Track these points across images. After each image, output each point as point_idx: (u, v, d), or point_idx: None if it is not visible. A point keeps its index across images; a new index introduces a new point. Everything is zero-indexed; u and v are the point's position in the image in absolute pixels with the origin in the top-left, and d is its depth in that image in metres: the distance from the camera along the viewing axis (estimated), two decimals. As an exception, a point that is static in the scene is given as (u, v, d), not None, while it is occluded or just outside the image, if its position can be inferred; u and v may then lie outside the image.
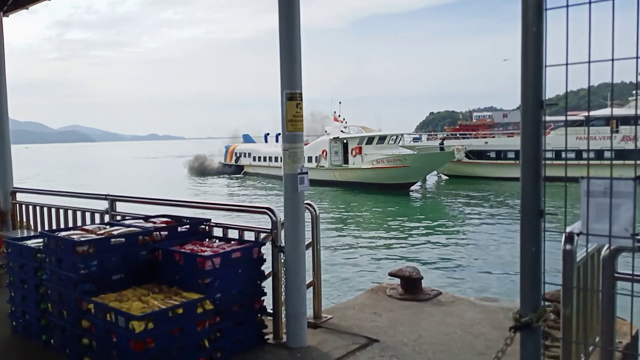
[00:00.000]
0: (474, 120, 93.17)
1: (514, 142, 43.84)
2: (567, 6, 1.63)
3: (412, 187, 38.51)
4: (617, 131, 41.03)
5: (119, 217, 5.66)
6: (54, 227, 6.42)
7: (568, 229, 2.97)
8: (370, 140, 40.75)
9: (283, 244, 4.36)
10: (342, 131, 42.89)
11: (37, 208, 6.77)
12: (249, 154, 54.47)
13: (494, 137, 47.50)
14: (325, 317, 4.93)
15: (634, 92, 47.70)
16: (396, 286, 5.74)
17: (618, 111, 44.15)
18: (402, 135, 45.87)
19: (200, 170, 56.66)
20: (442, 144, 46.12)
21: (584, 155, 40.89)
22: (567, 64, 1.61)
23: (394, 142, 41.58)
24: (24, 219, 7.00)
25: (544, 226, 1.81)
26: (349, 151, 41.10)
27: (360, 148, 40.21)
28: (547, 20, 1.63)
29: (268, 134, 59.83)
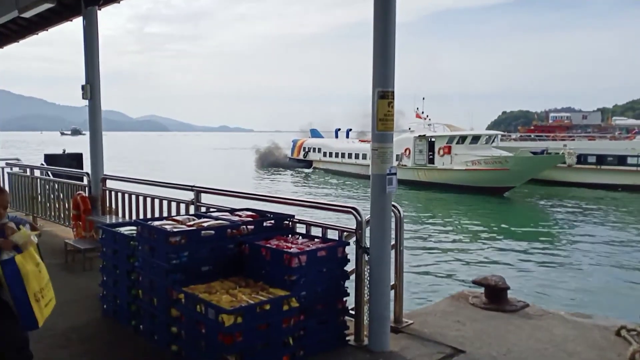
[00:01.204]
0: (550, 121, 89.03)
1: (597, 147, 41.37)
2: None
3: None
4: None
5: (203, 209, 5.79)
6: (141, 214, 6.67)
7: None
8: (462, 139, 38.20)
9: (367, 245, 4.27)
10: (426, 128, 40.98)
11: (126, 195, 7.06)
12: (319, 149, 53.53)
13: (573, 139, 45.10)
14: (406, 322, 4.81)
15: None
16: (479, 295, 5.51)
17: None
18: (496, 135, 42.48)
19: (269, 163, 57.27)
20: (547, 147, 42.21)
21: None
22: None
23: (486, 143, 38.69)
24: (112, 205, 7.33)
25: None
26: (436, 150, 38.81)
27: (449, 147, 37.87)
28: None
29: (339, 129, 59.13)
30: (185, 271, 3.99)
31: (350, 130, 58.67)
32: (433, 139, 39.48)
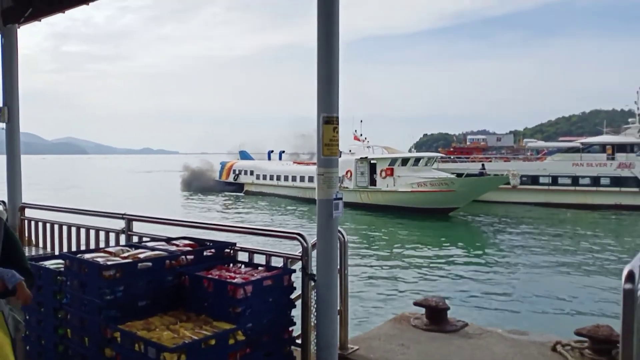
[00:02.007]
0: (467, 143, 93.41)
1: (512, 167, 43.73)
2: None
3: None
4: (612, 158, 41.30)
5: (135, 238, 5.47)
6: (65, 245, 6.21)
7: (628, 266, 2.82)
8: (404, 161, 38.99)
9: (313, 271, 4.19)
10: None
11: (47, 225, 6.54)
12: (251, 172, 52.20)
13: (490, 161, 47.48)
14: (352, 347, 4.75)
15: (629, 119, 48.40)
16: (420, 316, 5.57)
17: (613, 138, 44.57)
18: (437, 157, 43.96)
19: (197, 187, 55.13)
20: (483, 167, 43.09)
21: (581, 181, 41.41)
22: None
23: (426, 165, 39.75)
24: (33, 237, 6.77)
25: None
26: (378, 172, 39.21)
27: (391, 169, 38.49)
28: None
29: (272, 151, 58.19)
30: (121, 307, 3.70)
31: (283, 152, 58.19)
32: (374, 161, 39.85)
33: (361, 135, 44.20)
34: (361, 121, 45.29)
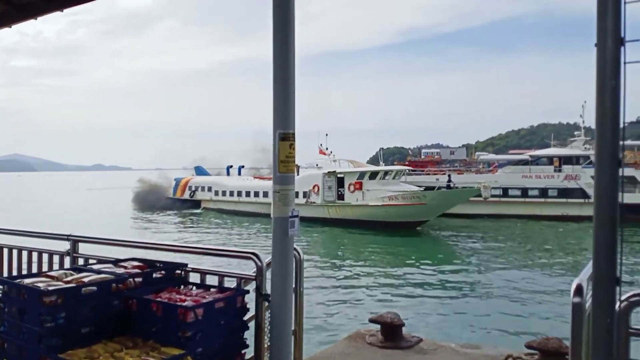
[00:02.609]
0: (422, 157, 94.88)
1: (466, 180, 44.66)
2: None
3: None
4: (559, 170, 42.88)
5: (81, 260, 5.21)
6: (5, 269, 5.85)
7: (577, 280, 2.87)
8: (373, 175, 38.46)
9: (268, 291, 4.09)
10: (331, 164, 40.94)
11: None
12: (209, 188, 50.37)
13: (444, 173, 48.41)
14: (307, 368, 4.66)
15: (575, 132, 50.52)
16: (375, 333, 5.54)
17: (560, 151, 46.35)
18: (405, 170, 43.77)
19: (149, 204, 52.73)
20: (449, 180, 42.65)
21: (530, 193, 42.80)
22: None
23: (392, 178, 39.39)
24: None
25: (619, 294, 1.66)
26: (346, 186, 38.55)
27: (360, 183, 37.92)
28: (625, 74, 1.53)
29: (231, 166, 56.65)
30: (62, 335, 3.50)
31: (243, 167, 56.84)
32: (342, 175, 39.21)
33: (327, 149, 43.43)
34: (327, 135, 44.53)
